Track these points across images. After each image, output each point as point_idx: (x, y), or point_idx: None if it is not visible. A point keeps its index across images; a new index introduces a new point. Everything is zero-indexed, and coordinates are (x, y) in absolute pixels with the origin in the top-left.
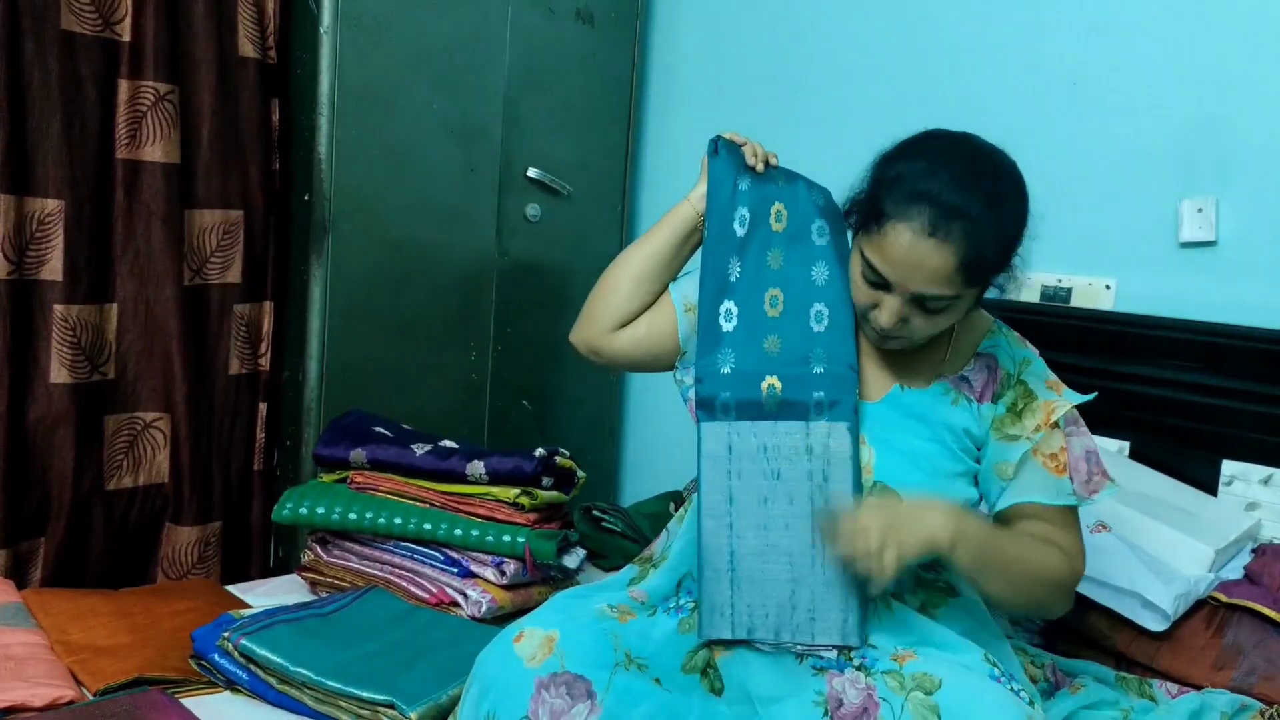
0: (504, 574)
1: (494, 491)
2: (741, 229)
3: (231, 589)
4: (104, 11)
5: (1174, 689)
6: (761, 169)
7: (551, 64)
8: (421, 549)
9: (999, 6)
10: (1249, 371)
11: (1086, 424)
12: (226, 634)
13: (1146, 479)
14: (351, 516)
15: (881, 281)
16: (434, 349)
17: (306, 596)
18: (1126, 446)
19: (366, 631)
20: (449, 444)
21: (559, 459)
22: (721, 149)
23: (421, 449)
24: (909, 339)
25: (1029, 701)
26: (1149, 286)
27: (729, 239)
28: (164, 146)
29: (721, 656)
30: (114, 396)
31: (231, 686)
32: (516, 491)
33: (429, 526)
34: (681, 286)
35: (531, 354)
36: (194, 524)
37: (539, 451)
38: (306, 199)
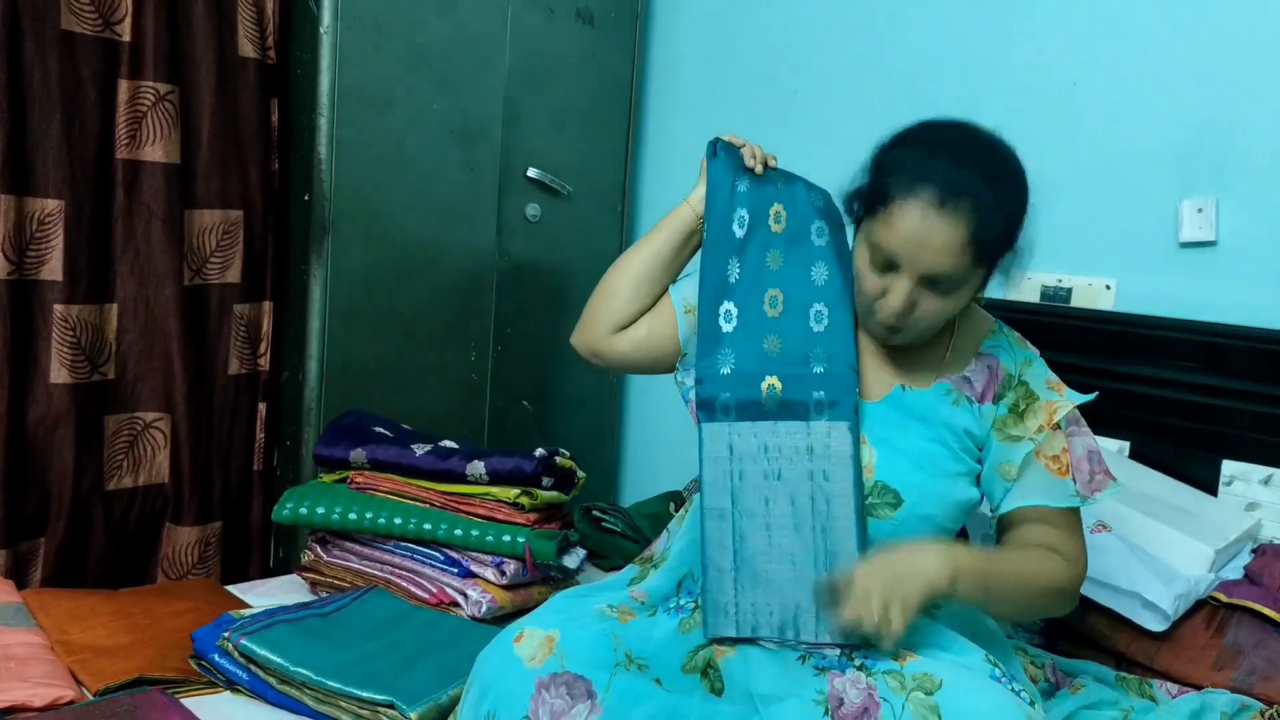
0: (504, 574)
1: (494, 492)
2: (740, 230)
3: (231, 589)
4: (104, 11)
5: (1174, 689)
6: (760, 171)
7: (551, 64)
8: (421, 549)
9: (999, 7)
10: (1249, 371)
11: (1087, 424)
12: (226, 634)
13: (1147, 479)
14: (351, 516)
15: (890, 264)
16: (434, 349)
17: (306, 596)
18: (1127, 446)
19: (366, 632)
20: (449, 444)
21: (559, 459)
22: (720, 151)
23: (421, 449)
24: (915, 331)
25: (1030, 702)
26: (1149, 286)
27: (728, 240)
28: (164, 146)
29: (724, 657)
30: (114, 396)
31: (232, 687)
32: (516, 491)
33: (429, 526)
34: (681, 288)
35: (531, 354)
36: (194, 524)
37: (539, 452)
38: (306, 199)
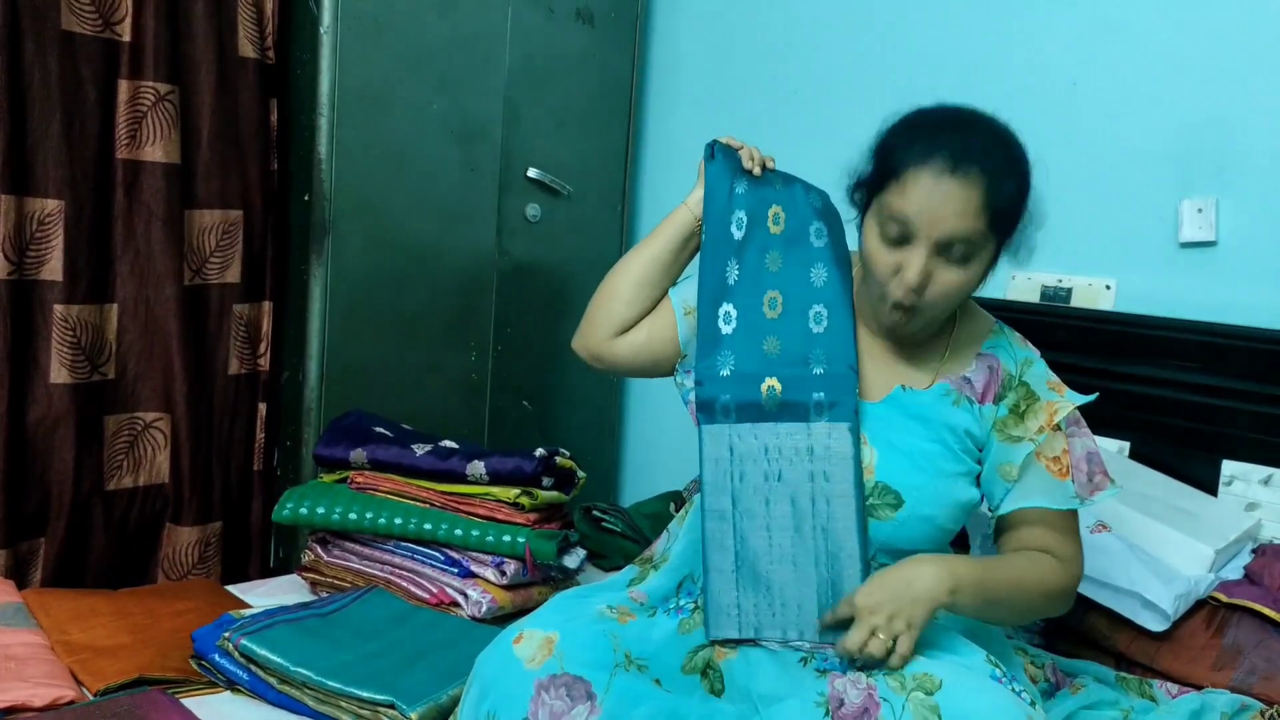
0: (504, 574)
1: (494, 492)
2: (739, 232)
3: (231, 589)
4: (104, 11)
5: (1174, 689)
6: (758, 172)
7: (551, 64)
8: (422, 549)
9: (999, 7)
10: (1249, 371)
11: (1087, 424)
12: (227, 634)
13: (1147, 479)
14: (352, 516)
15: (904, 236)
16: (434, 349)
17: (307, 596)
18: (1127, 447)
19: (367, 632)
20: (449, 444)
21: (559, 459)
22: (718, 153)
23: (422, 449)
24: (930, 312)
25: (1030, 702)
26: (1149, 286)
27: (726, 242)
28: (164, 146)
29: (724, 658)
30: (114, 396)
31: (232, 687)
32: (517, 492)
33: (429, 527)
34: (681, 291)
35: (531, 354)
36: (194, 524)
37: (539, 452)
38: (306, 199)
